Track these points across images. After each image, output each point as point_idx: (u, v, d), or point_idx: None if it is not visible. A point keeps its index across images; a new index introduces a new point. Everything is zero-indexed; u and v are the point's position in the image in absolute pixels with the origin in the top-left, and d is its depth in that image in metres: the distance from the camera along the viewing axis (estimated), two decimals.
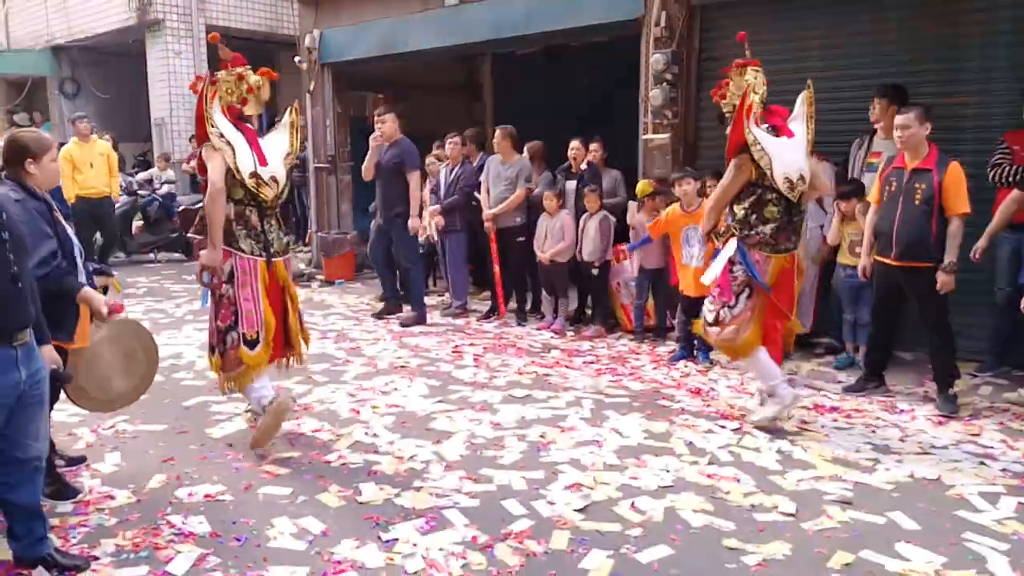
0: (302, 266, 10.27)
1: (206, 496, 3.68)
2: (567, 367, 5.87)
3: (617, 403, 5.01)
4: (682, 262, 6.02)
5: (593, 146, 7.23)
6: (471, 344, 6.59)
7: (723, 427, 4.55)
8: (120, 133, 13.16)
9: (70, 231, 3.45)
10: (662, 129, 6.98)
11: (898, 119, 4.77)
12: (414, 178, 7.16)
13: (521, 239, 7.25)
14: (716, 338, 4.54)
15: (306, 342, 4.56)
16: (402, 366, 5.91)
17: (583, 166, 7.23)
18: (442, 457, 4.13)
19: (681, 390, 5.30)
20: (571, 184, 7.27)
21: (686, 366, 5.87)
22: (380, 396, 5.18)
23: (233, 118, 4.21)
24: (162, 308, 8.09)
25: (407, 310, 7.49)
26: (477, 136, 8.08)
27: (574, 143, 7.25)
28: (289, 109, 4.45)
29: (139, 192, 11.44)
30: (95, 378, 3.63)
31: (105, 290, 4.22)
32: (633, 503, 3.57)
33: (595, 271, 6.80)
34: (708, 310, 4.59)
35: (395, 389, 5.34)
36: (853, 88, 6.10)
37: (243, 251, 4.15)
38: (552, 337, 6.83)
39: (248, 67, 4.28)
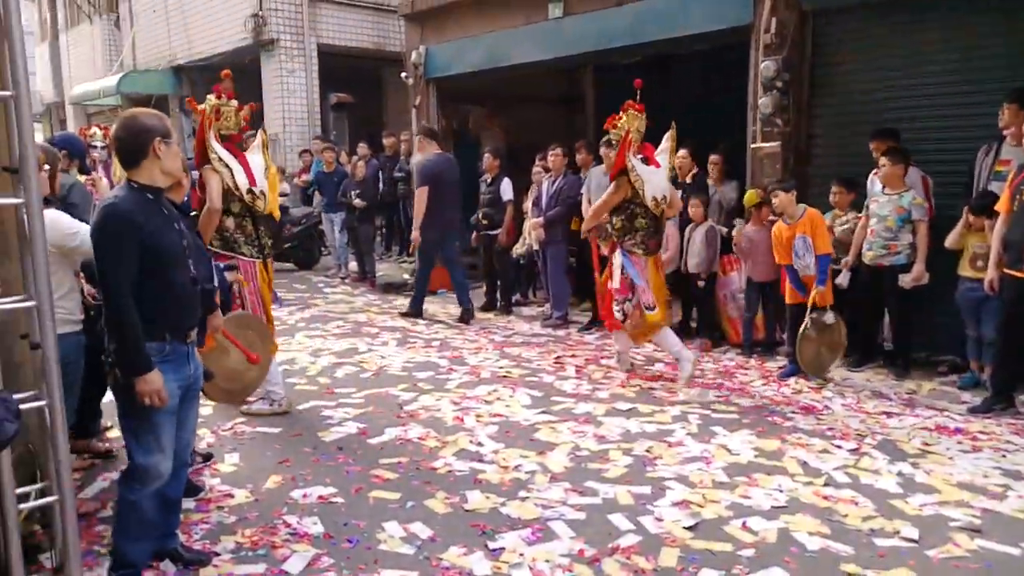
0: (405, 276, 10.49)
1: (319, 498, 3.79)
2: (672, 380, 5.76)
3: (725, 419, 4.89)
4: (799, 272, 5.83)
5: (713, 157, 7.09)
6: (573, 355, 6.57)
7: (839, 447, 4.37)
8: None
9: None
10: (772, 137, 6.79)
11: None
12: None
13: None
14: (630, 328, 5.68)
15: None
16: (504, 376, 5.95)
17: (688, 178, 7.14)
18: (547, 468, 4.12)
19: (793, 407, 5.12)
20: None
21: (797, 382, 5.67)
22: (483, 405, 5.23)
23: (230, 144, 4.85)
24: (276, 316, 8.41)
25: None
26: (588, 147, 8.06)
27: (681, 152, 7.14)
28: (259, 131, 5.12)
29: None
30: (225, 371, 3.89)
31: (231, 285, 4.49)
32: (745, 523, 3.46)
33: (701, 283, 6.67)
34: (616, 310, 5.62)
35: (498, 399, 5.37)
36: (979, 93, 5.78)
37: (244, 255, 4.76)
38: (656, 349, 6.72)
39: (234, 99, 4.96)
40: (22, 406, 2.53)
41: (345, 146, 12.86)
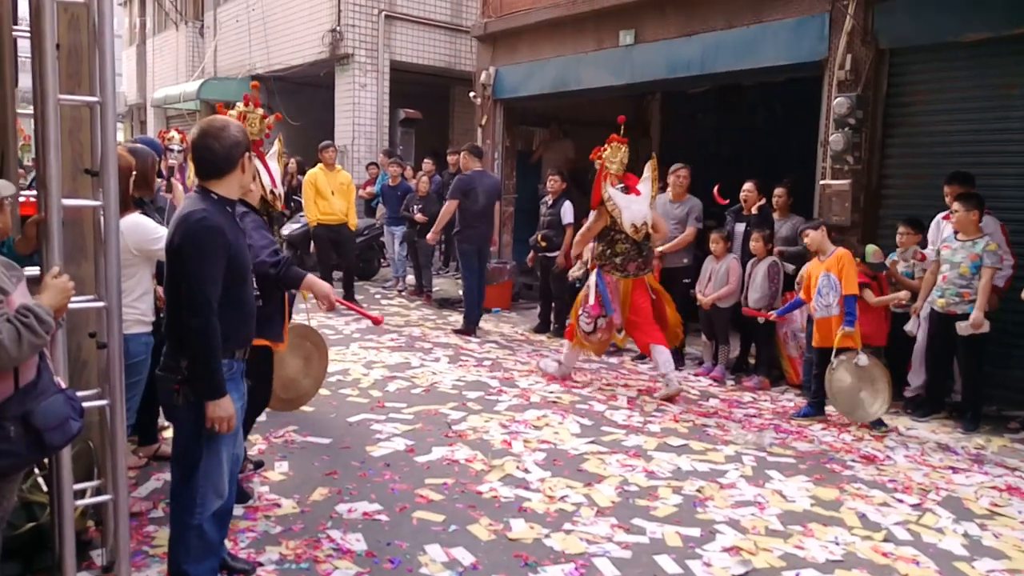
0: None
1: (364, 514, 3.79)
2: (727, 418, 5.64)
3: (781, 463, 4.75)
4: (815, 314, 5.70)
5: (778, 190, 6.93)
6: (625, 385, 6.48)
7: (900, 501, 4.19)
8: (305, 158, 14.13)
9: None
10: (842, 175, 6.64)
11: None
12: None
13: (687, 280, 7.12)
14: (592, 342, 6.22)
15: None
16: (554, 401, 5.90)
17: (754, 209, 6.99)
18: (593, 501, 4.05)
19: (853, 455, 4.94)
20: (740, 227, 7.05)
21: (859, 429, 5.48)
22: (532, 430, 5.18)
23: (253, 147, 4.86)
24: (332, 325, 8.52)
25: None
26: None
27: (747, 185, 7.02)
28: (276, 140, 5.15)
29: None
30: (282, 380, 3.94)
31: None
32: (798, 575, 3.34)
33: (762, 319, 6.52)
34: (585, 322, 6.13)
35: (547, 424, 5.32)
36: None
37: None
38: (711, 385, 6.60)
39: (261, 108, 5.02)
40: (85, 404, 2.58)
41: (411, 161, 13.02)
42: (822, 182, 6.81)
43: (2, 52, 2.96)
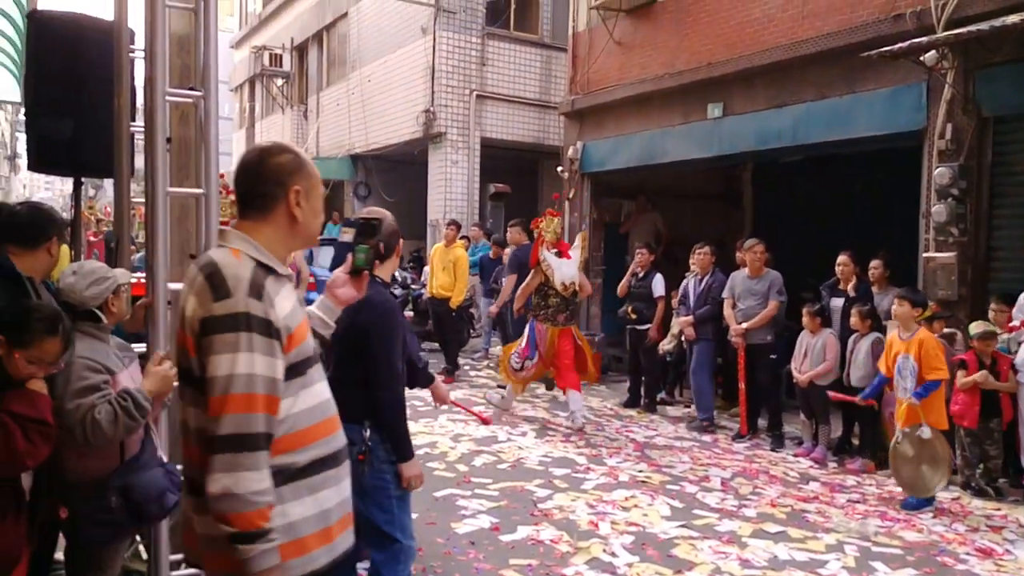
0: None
1: None
2: (828, 504, 5.34)
3: (887, 554, 4.44)
4: (897, 393, 5.45)
5: (874, 263, 6.67)
6: (719, 465, 6.25)
7: None
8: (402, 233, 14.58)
9: None
10: (946, 247, 6.36)
11: None
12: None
13: (773, 356, 6.90)
14: (519, 378, 7.40)
15: None
16: (644, 481, 5.73)
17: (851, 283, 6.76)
18: None
19: (967, 547, 4.59)
20: (837, 301, 6.81)
21: (973, 518, 5.09)
22: (620, 511, 5.03)
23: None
24: (421, 396, 8.59)
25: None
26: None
27: (842, 257, 6.80)
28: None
29: (411, 285, 12.47)
30: None
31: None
32: None
33: (859, 399, 6.20)
34: (515, 362, 7.25)
35: (636, 506, 5.16)
36: None
37: None
38: (811, 467, 6.29)
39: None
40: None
41: (500, 234, 13.24)
42: (925, 255, 6.53)
43: (120, 146, 3.18)
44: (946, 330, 5.98)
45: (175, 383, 2.58)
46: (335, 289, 2.25)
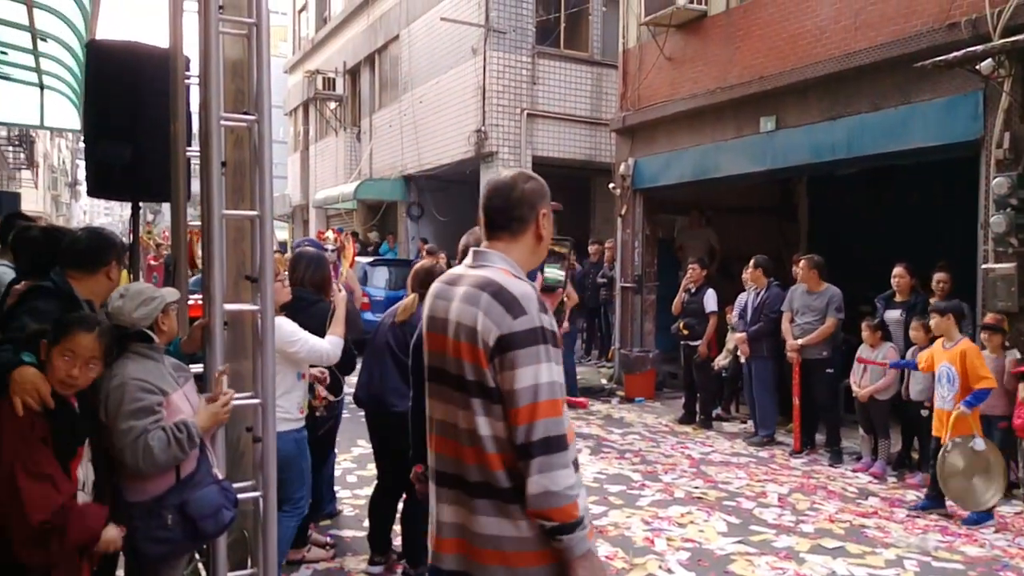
0: (603, 381, 10.49)
1: None
2: (887, 519, 5.26)
3: (948, 569, 4.36)
4: (935, 403, 5.40)
5: (940, 276, 6.53)
6: (776, 481, 6.18)
7: None
8: (451, 252, 14.75)
9: None
10: (1006, 258, 6.21)
11: None
12: None
13: (830, 371, 6.82)
14: None
15: None
16: (700, 497, 5.71)
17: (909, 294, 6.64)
18: None
19: None
20: (893, 313, 6.71)
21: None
22: (676, 528, 5.03)
23: None
24: None
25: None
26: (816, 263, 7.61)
27: (898, 269, 6.71)
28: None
29: None
30: None
31: None
32: None
33: (925, 411, 6.09)
34: None
35: (691, 522, 5.16)
36: None
37: None
38: (870, 482, 6.18)
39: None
40: (240, 496, 2.78)
41: None
42: (984, 266, 6.38)
43: (176, 170, 3.31)
44: (1008, 353, 5.80)
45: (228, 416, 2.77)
46: None
